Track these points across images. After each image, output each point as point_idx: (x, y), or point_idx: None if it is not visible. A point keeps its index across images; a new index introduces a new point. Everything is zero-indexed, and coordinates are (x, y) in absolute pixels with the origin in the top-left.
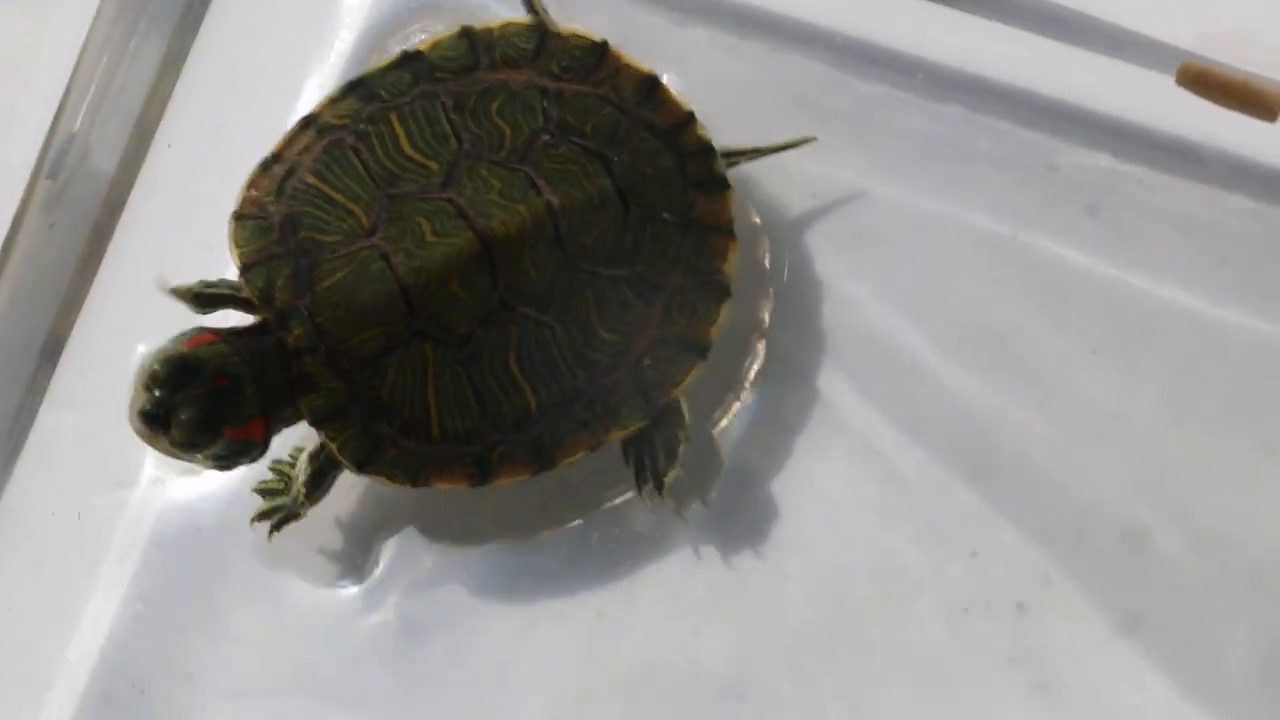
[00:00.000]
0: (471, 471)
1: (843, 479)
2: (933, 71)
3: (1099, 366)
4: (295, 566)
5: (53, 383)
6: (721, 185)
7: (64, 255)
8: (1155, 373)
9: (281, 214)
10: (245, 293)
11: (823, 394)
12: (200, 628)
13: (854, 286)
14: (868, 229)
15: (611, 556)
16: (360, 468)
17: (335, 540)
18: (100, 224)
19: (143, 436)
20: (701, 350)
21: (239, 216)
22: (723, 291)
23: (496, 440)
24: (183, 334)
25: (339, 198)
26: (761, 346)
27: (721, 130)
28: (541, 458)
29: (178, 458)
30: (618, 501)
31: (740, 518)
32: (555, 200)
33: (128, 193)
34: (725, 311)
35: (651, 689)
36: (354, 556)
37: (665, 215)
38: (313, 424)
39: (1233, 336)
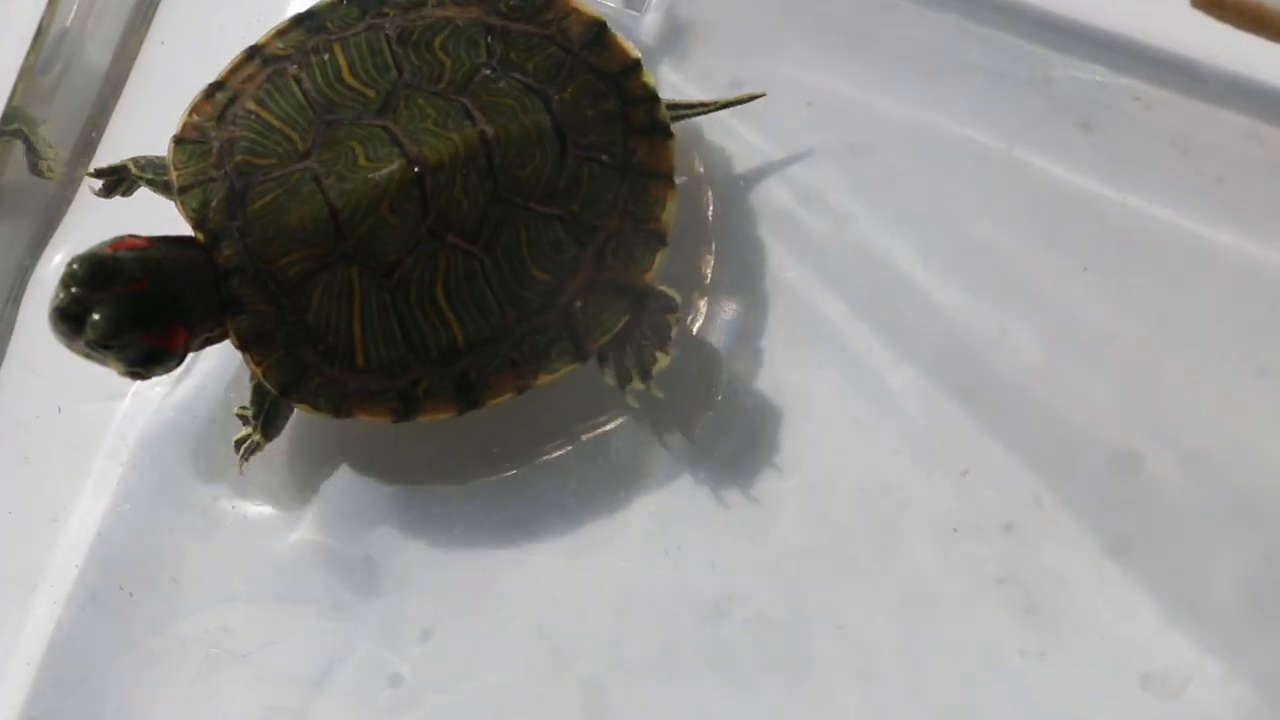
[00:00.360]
0: (395, 405)
1: (832, 397)
2: None
3: (1091, 285)
4: (286, 478)
5: (41, 274)
6: (664, 133)
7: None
8: (1147, 293)
9: (221, 139)
10: (181, 214)
11: (812, 309)
12: (189, 531)
13: (847, 200)
14: (862, 141)
15: (595, 486)
16: (283, 392)
17: (325, 465)
18: (93, 119)
19: (59, 336)
20: (635, 296)
21: (179, 140)
22: (658, 240)
23: (421, 375)
24: (111, 239)
25: (277, 124)
26: (703, 304)
27: (713, 40)
28: (467, 396)
29: (93, 360)
30: (598, 432)
31: (725, 438)
32: (490, 130)
33: (121, 90)
34: (660, 259)
35: (637, 605)
36: (344, 478)
37: (604, 158)
38: (238, 346)
39: (1227, 258)
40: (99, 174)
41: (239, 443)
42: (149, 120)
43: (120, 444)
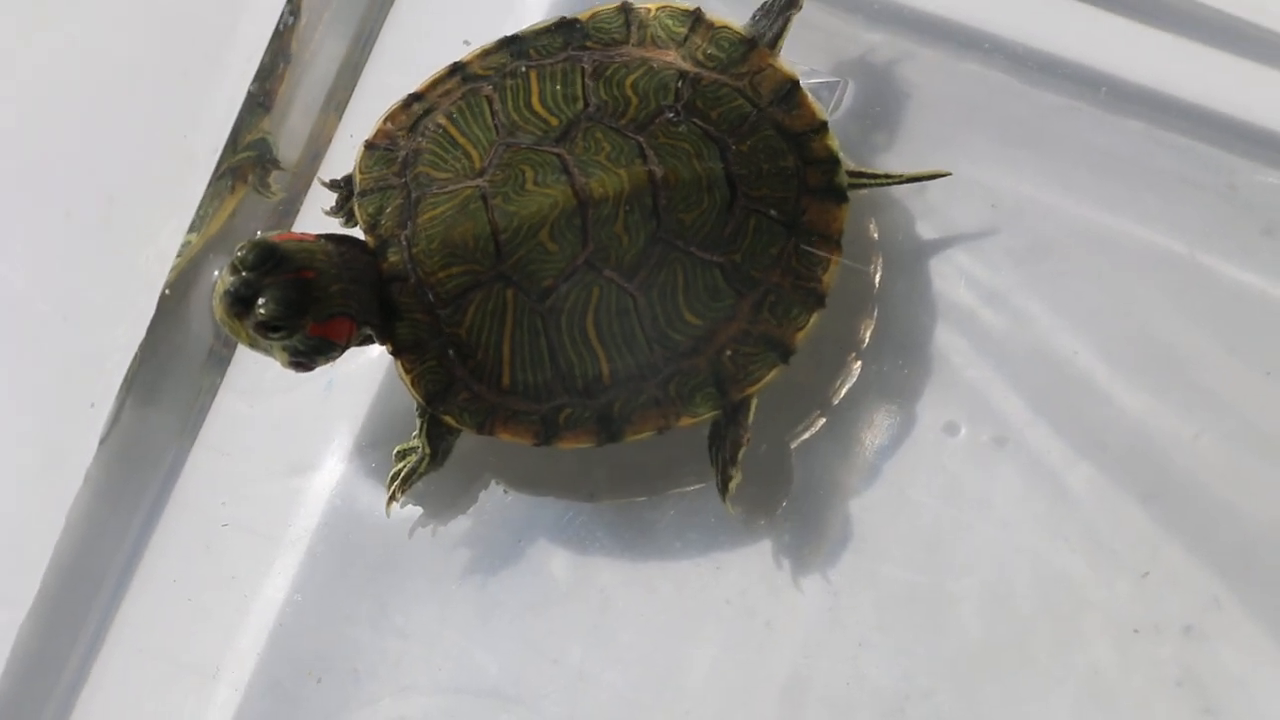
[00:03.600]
0: (537, 429)
1: (1010, 494)
2: (1115, 85)
3: (1273, 389)
4: (461, 562)
5: (230, 369)
6: (839, 196)
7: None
8: None
9: (409, 149)
10: (357, 218)
11: (988, 404)
12: (368, 621)
13: (1027, 300)
14: (1043, 242)
15: (789, 566)
16: (429, 402)
17: (501, 539)
18: (314, 136)
19: (224, 320)
20: (785, 353)
21: (370, 146)
22: (817, 300)
23: (565, 402)
24: (276, 231)
25: (461, 140)
26: (857, 367)
27: (897, 137)
28: (608, 429)
29: (256, 347)
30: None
31: (904, 530)
32: (659, 171)
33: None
34: (816, 320)
35: (813, 700)
36: (519, 557)
37: (773, 213)
38: (393, 352)
39: None
40: (333, 185)
41: (394, 475)
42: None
43: (299, 531)
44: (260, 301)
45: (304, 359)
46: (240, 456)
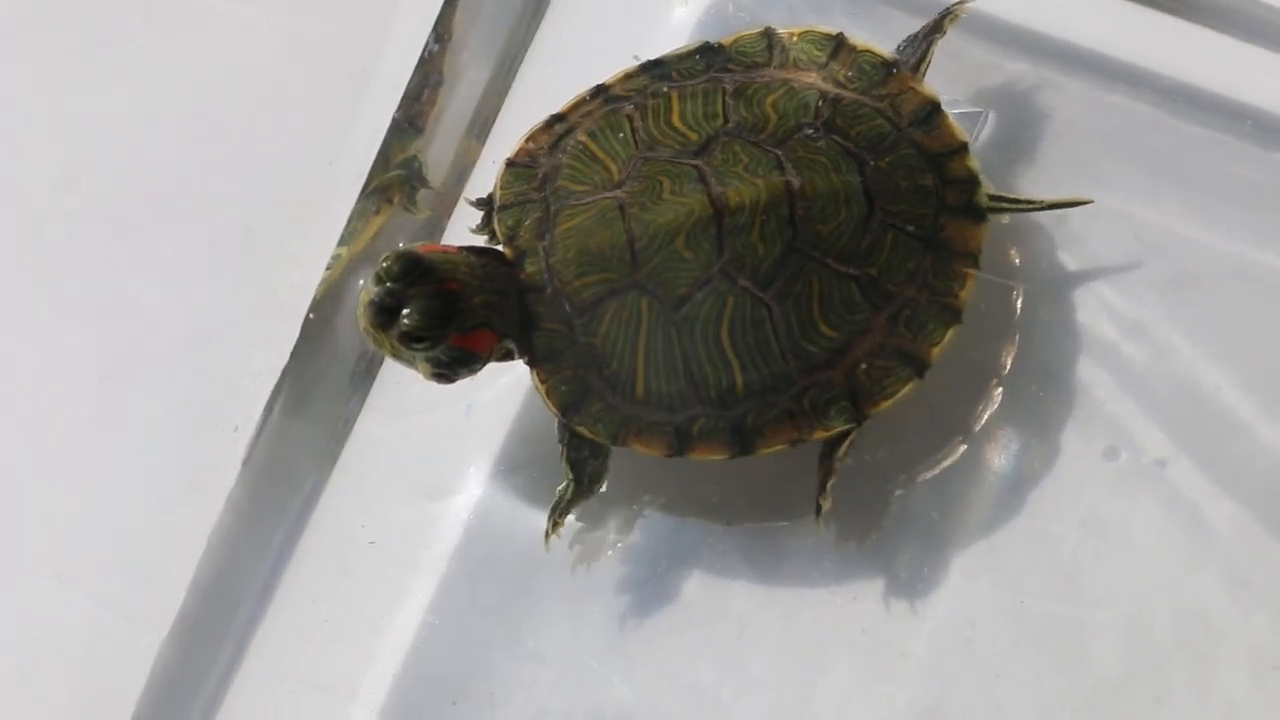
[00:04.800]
0: (670, 440)
1: (1150, 527)
2: (1261, 119)
3: None
4: (597, 587)
5: (370, 392)
6: (978, 215)
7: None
8: None
9: (549, 165)
10: (496, 230)
11: (1129, 436)
12: (503, 644)
13: (1170, 332)
14: (1187, 274)
15: (925, 596)
16: (564, 413)
17: (637, 564)
18: (459, 157)
19: (369, 330)
20: (919, 368)
21: (510, 164)
22: (953, 316)
23: (699, 413)
24: (419, 243)
25: (601, 155)
26: (999, 394)
27: (1039, 167)
28: (741, 440)
29: (399, 358)
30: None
31: (1043, 560)
32: (796, 182)
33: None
34: (952, 335)
35: None
36: (656, 582)
37: (910, 228)
38: (529, 363)
39: None
40: (478, 203)
41: (554, 507)
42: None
43: (436, 554)
44: (405, 312)
45: (446, 371)
46: (379, 479)
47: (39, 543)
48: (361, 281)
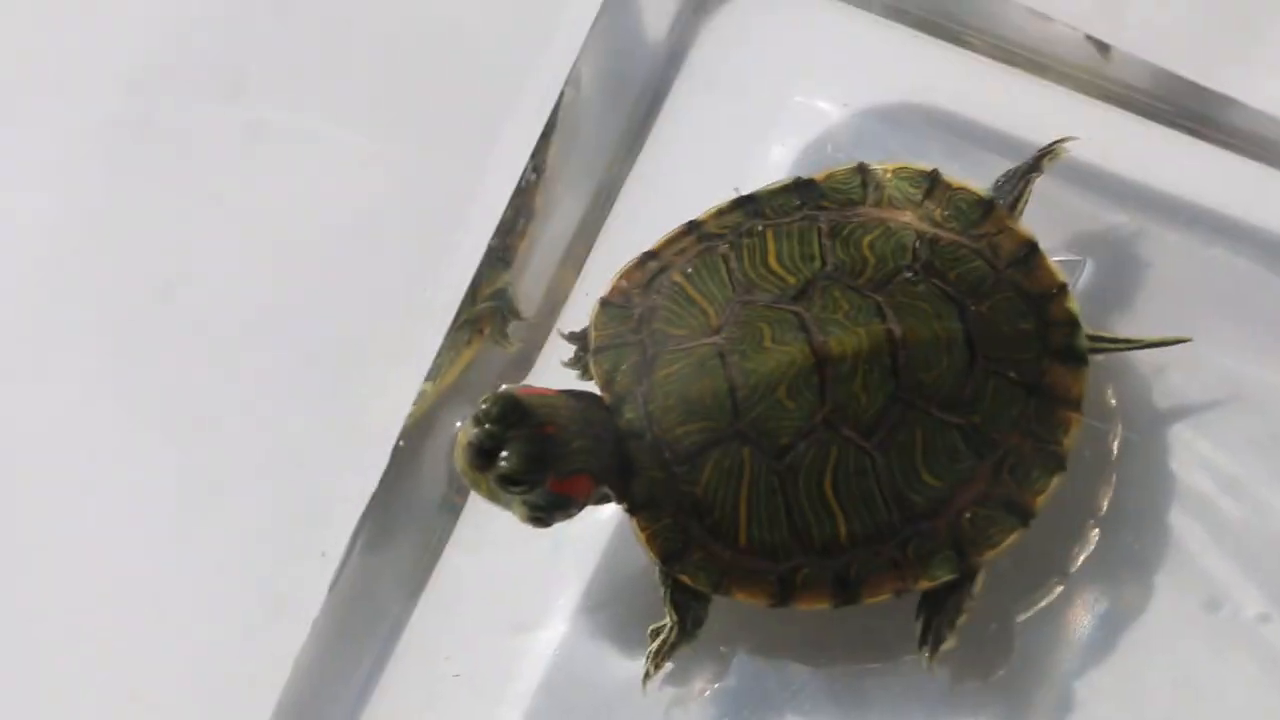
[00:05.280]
0: (773, 589)
1: (1247, 690)
2: None
3: None
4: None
5: (458, 523)
6: (1079, 359)
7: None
8: None
9: (644, 306)
10: (592, 373)
11: (1226, 593)
12: None
13: (1268, 490)
14: None
15: None
16: (665, 561)
17: (724, 709)
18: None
19: (466, 471)
20: (1025, 517)
21: (605, 303)
22: (1058, 464)
23: (802, 562)
24: (518, 385)
25: (697, 297)
26: (1095, 535)
27: (1136, 318)
28: (846, 590)
29: (496, 500)
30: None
31: (1124, 715)
32: (898, 330)
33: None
34: (1057, 483)
35: None
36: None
37: (1012, 374)
38: (628, 510)
39: None
40: (571, 337)
41: (652, 651)
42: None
43: (521, 689)
44: (503, 455)
45: (543, 514)
46: (465, 611)
47: (118, 667)
48: (459, 423)
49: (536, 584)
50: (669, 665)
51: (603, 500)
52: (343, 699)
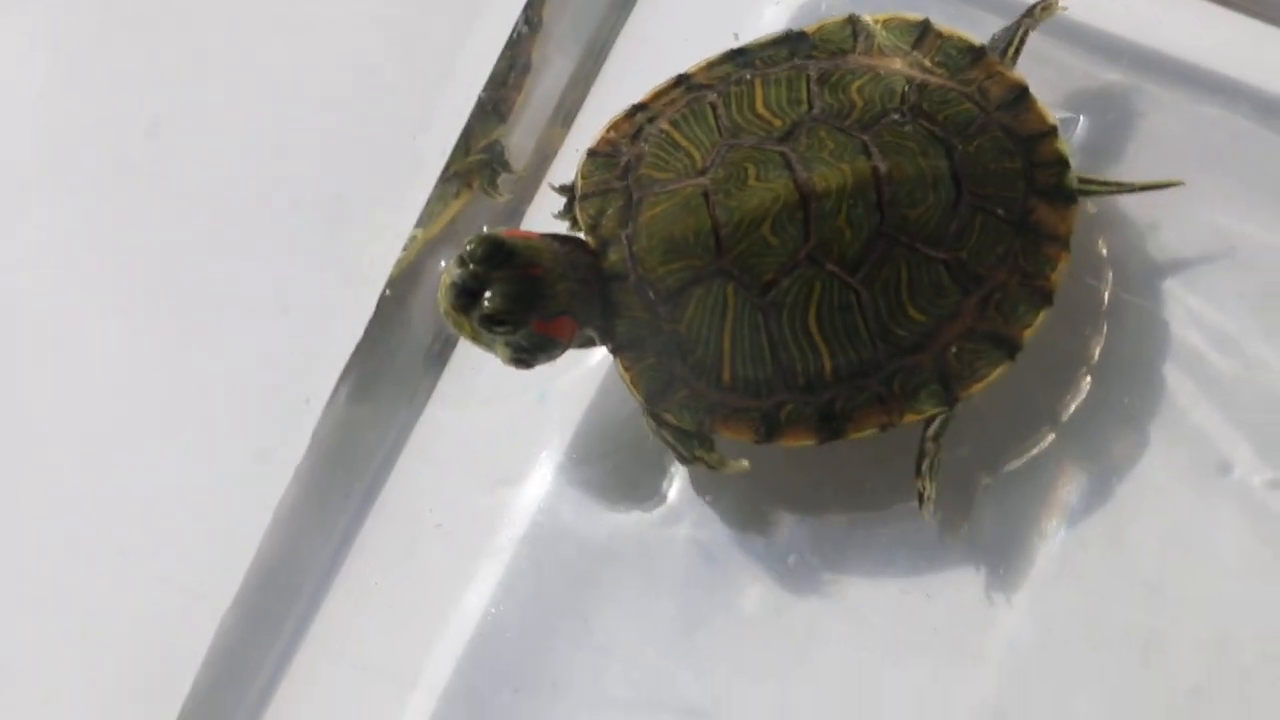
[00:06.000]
0: (757, 425)
1: (1237, 541)
2: None
3: None
4: (667, 579)
5: (442, 377)
6: (1068, 198)
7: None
8: None
9: (631, 155)
10: (579, 219)
11: (1214, 447)
12: (568, 634)
13: (1260, 346)
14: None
15: (1002, 597)
16: (649, 400)
17: (710, 557)
18: (541, 145)
19: (449, 313)
20: (1011, 350)
21: (592, 153)
22: (1044, 298)
23: (786, 399)
24: (504, 228)
25: (684, 143)
26: (1087, 383)
27: (1129, 172)
28: (830, 425)
29: (478, 341)
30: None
31: (1124, 567)
32: (883, 166)
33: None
34: (1043, 318)
35: None
36: (727, 576)
37: (1000, 211)
38: (612, 351)
39: None
40: (562, 189)
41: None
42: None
43: (503, 542)
44: (487, 295)
45: (526, 356)
46: (449, 464)
47: (100, 518)
48: (443, 264)
49: (521, 438)
50: (647, 516)
51: (586, 343)
52: (323, 549)
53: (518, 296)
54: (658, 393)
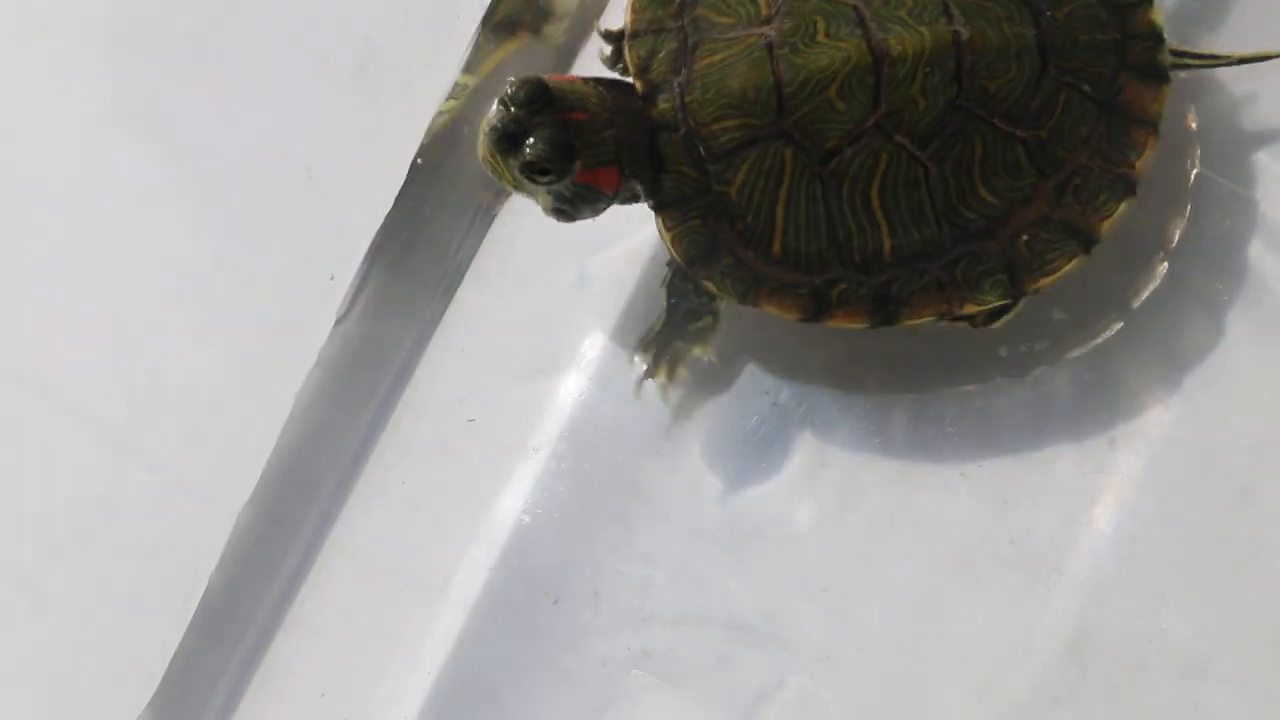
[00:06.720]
0: (806, 302)
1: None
2: None
3: None
4: (715, 484)
5: (478, 257)
6: (1160, 76)
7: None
8: None
9: None
10: (627, 60)
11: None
12: (610, 543)
13: None
14: None
15: (1082, 505)
16: (690, 265)
17: (766, 461)
18: None
19: (488, 159)
20: (1087, 243)
21: None
22: (1127, 187)
23: (839, 276)
24: (549, 73)
25: None
26: (1163, 269)
27: (1227, 37)
28: (884, 309)
29: (520, 189)
30: None
31: (1214, 470)
32: (964, 32)
33: None
34: (1124, 209)
35: (1104, 657)
36: (783, 480)
37: (1086, 88)
38: (654, 207)
39: None
40: (608, 35)
41: (645, 336)
42: None
43: (540, 439)
44: (529, 141)
45: (568, 207)
46: (482, 352)
47: (108, 402)
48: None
49: (560, 325)
50: (698, 414)
51: (631, 199)
52: (347, 443)
53: (561, 143)
54: (701, 257)
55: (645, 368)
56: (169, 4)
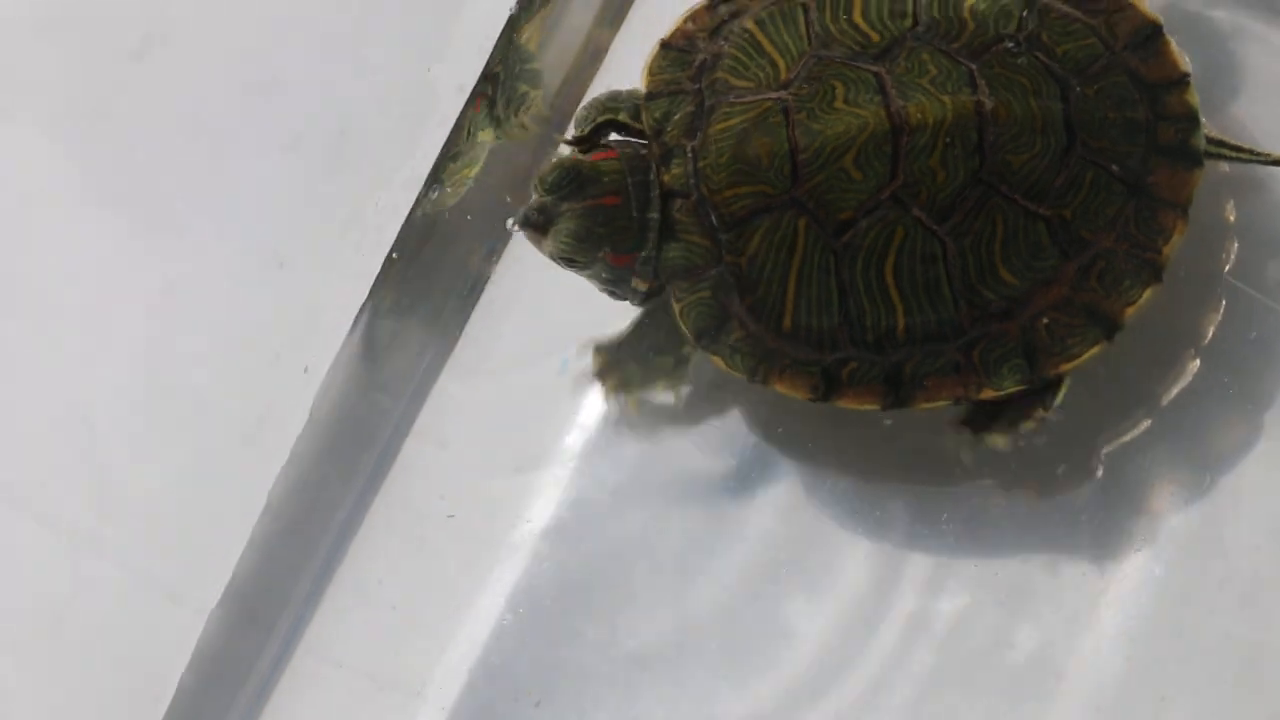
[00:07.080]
0: (816, 382)
1: None
2: None
3: None
4: (710, 589)
5: (457, 346)
6: (1191, 160)
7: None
8: None
9: (708, 53)
10: (643, 121)
11: None
12: (596, 644)
13: None
14: None
15: (1082, 608)
16: (698, 338)
17: (755, 562)
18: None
19: (528, 237)
20: (1110, 329)
21: (665, 45)
22: (1153, 273)
23: (850, 355)
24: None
25: (769, 48)
26: (1194, 366)
27: (1266, 130)
28: (898, 391)
29: (563, 267)
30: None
31: (1220, 573)
32: (989, 103)
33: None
34: (1150, 296)
35: None
36: (779, 588)
37: (1114, 168)
38: (664, 278)
39: None
40: (574, 141)
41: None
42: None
43: (522, 536)
44: (554, 230)
45: (612, 288)
46: (461, 445)
47: (74, 501)
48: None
49: (543, 415)
50: (690, 509)
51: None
52: (320, 542)
53: (581, 235)
54: (709, 331)
55: (595, 370)
56: (134, 83)
